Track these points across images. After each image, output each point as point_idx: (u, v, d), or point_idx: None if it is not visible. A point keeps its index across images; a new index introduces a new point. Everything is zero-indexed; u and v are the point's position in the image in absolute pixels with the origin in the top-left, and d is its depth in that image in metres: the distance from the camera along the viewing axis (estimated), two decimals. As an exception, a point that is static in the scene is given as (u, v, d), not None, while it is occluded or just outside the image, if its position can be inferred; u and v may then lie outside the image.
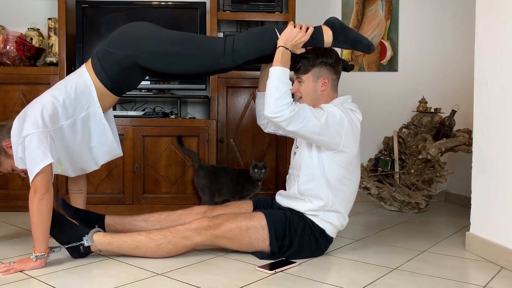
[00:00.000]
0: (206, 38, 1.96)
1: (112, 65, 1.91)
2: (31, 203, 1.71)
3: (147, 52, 1.88)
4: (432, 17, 3.62)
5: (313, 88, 1.96)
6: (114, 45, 1.92)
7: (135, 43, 1.90)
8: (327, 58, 1.96)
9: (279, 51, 1.83)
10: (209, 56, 1.89)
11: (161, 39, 1.90)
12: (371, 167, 3.26)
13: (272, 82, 1.79)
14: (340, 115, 1.84)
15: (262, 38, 1.92)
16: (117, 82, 1.95)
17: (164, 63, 1.90)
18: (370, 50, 1.94)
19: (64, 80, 1.97)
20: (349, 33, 1.91)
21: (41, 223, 1.72)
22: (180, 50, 1.89)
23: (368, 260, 1.92)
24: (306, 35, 1.86)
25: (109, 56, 1.91)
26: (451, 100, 3.39)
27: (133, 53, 1.88)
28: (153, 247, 1.83)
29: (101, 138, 1.99)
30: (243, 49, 1.88)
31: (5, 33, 3.10)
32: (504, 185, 1.89)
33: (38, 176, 1.71)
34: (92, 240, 1.82)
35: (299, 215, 1.92)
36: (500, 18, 1.93)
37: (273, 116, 1.76)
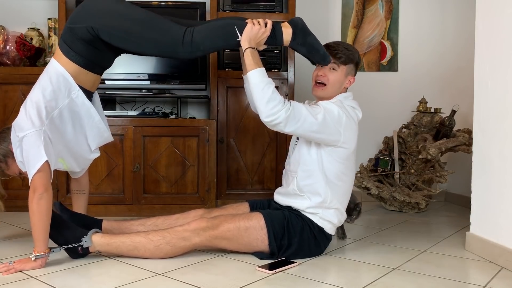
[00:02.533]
0: (166, 23, 1.90)
1: (77, 41, 1.88)
2: (31, 202, 1.71)
3: (106, 26, 1.85)
4: (432, 17, 3.62)
5: (341, 81, 1.98)
6: (75, 20, 1.88)
7: (95, 16, 1.86)
8: (359, 60, 2.03)
9: (247, 53, 1.82)
10: (166, 43, 1.87)
11: (122, 15, 1.88)
12: (371, 167, 3.26)
13: (256, 87, 1.78)
14: (338, 111, 1.85)
15: (222, 34, 1.89)
16: (87, 58, 1.91)
17: (122, 40, 1.87)
18: (326, 62, 1.89)
19: (41, 76, 1.95)
20: (308, 37, 1.87)
21: (40, 223, 1.72)
22: (138, 30, 1.87)
23: (368, 260, 1.92)
24: (267, 30, 1.84)
25: (72, 33, 1.88)
26: (451, 100, 3.39)
27: (92, 25, 1.84)
28: (152, 248, 1.83)
29: (88, 121, 1.98)
30: (201, 43, 1.86)
31: (5, 33, 3.10)
32: (504, 185, 1.88)
33: (36, 176, 1.71)
34: (91, 241, 1.82)
35: (298, 214, 1.92)
36: (500, 18, 1.92)
37: (270, 120, 1.75)
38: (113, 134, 2.78)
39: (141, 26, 1.87)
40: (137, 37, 1.87)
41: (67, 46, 1.89)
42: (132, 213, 2.85)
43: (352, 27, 3.59)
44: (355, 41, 3.60)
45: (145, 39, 1.88)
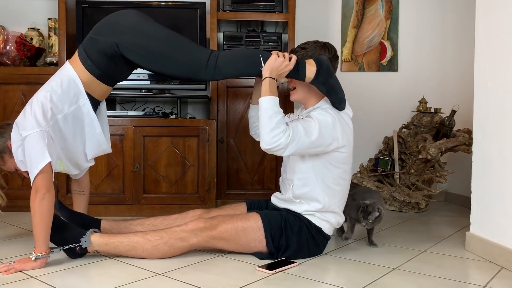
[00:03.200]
0: (191, 46, 1.92)
1: (97, 53, 1.89)
2: (32, 203, 1.71)
3: (130, 43, 1.86)
4: (432, 17, 3.62)
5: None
6: (99, 32, 1.90)
7: (120, 32, 1.87)
8: (325, 52, 1.97)
9: (266, 82, 1.83)
10: (190, 65, 1.88)
11: (147, 34, 1.88)
12: (371, 167, 3.26)
13: (265, 113, 1.78)
14: (332, 120, 1.85)
15: (246, 62, 1.91)
16: (103, 70, 1.92)
17: (145, 59, 1.88)
18: (340, 107, 1.91)
19: (52, 77, 1.96)
20: (331, 79, 1.89)
21: (42, 223, 1.72)
22: (163, 50, 1.87)
23: (368, 260, 1.92)
24: (290, 64, 1.85)
25: (94, 43, 1.89)
26: (451, 100, 3.39)
27: (117, 41, 1.85)
28: (149, 248, 1.83)
29: (90, 130, 1.98)
30: (224, 68, 1.88)
31: (5, 33, 3.10)
32: (504, 185, 1.88)
33: (38, 176, 1.71)
34: (90, 241, 1.82)
35: (296, 215, 1.92)
36: (500, 18, 1.92)
37: (270, 147, 1.75)
38: (113, 134, 2.80)
39: (166, 46, 1.88)
40: (161, 57, 1.88)
41: (86, 54, 1.91)
42: (132, 213, 2.85)
43: (352, 27, 3.60)
44: (355, 41, 3.60)
45: (169, 59, 1.88)
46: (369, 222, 2.02)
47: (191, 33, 3.06)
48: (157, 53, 1.87)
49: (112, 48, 1.87)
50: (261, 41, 3.06)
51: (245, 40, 3.05)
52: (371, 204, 2.02)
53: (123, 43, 1.85)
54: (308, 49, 1.96)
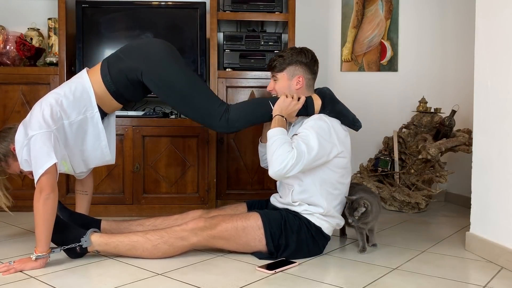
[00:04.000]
0: (209, 94, 1.98)
1: (118, 72, 1.93)
2: (36, 203, 1.71)
3: (155, 75, 1.92)
4: (432, 17, 3.62)
5: (288, 86, 2.02)
6: (128, 54, 1.95)
7: (148, 61, 1.93)
8: (302, 57, 2.02)
9: (275, 119, 1.90)
10: (205, 112, 1.95)
11: (173, 71, 1.94)
12: (371, 167, 3.26)
13: (272, 141, 1.82)
14: (327, 126, 1.87)
15: (257, 111, 1.99)
16: (119, 89, 1.96)
17: (163, 93, 1.95)
18: (355, 127, 1.98)
19: (66, 83, 1.99)
20: (337, 106, 1.97)
21: (45, 223, 1.72)
22: (183, 91, 1.94)
23: (368, 260, 1.92)
24: (299, 103, 1.93)
25: (119, 62, 1.94)
26: (451, 100, 3.39)
27: (142, 69, 1.91)
28: (150, 247, 1.83)
29: (94, 143, 2.00)
30: (237, 121, 1.95)
31: (5, 33, 3.10)
32: (504, 185, 1.88)
33: (43, 177, 1.71)
34: (90, 241, 1.82)
35: (295, 214, 1.93)
36: (500, 18, 1.92)
37: (277, 169, 1.76)
38: (113, 134, 2.80)
39: (187, 88, 1.94)
40: (179, 96, 1.94)
41: (108, 69, 1.94)
42: (132, 213, 2.85)
43: (352, 27, 3.59)
44: (355, 41, 3.60)
45: (186, 101, 1.94)
46: (355, 218, 1.92)
47: (191, 33, 3.07)
48: (177, 92, 1.94)
49: (135, 73, 1.92)
50: (261, 41, 3.06)
51: (245, 40, 3.05)
52: (357, 199, 1.93)
53: (147, 72, 1.91)
54: (285, 56, 2.02)
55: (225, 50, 3.05)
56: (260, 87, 2.99)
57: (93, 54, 3.04)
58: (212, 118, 1.95)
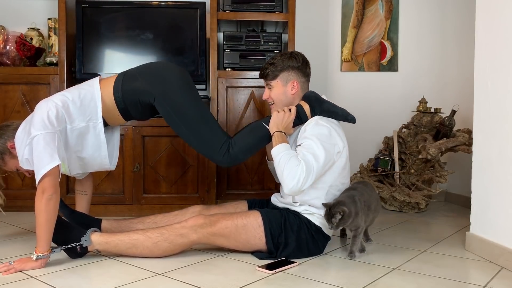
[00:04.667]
0: (216, 130, 1.98)
1: (131, 91, 1.95)
2: (39, 203, 1.71)
3: (167, 101, 1.93)
4: (432, 17, 3.62)
5: (283, 92, 2.03)
6: (144, 76, 1.96)
7: (163, 87, 1.94)
8: (293, 62, 2.02)
9: (274, 136, 1.90)
10: (208, 148, 1.97)
11: (187, 100, 1.95)
12: (371, 167, 3.26)
13: (278, 159, 1.82)
14: (327, 129, 1.87)
15: (255, 137, 1.99)
16: (128, 107, 1.98)
17: (172, 120, 1.96)
18: (349, 121, 1.99)
19: (76, 87, 1.99)
20: (324, 105, 1.98)
21: (47, 224, 1.72)
22: (193, 122, 1.95)
23: (368, 260, 1.92)
24: (292, 114, 1.94)
25: (134, 81, 1.95)
26: (451, 100, 3.39)
27: (155, 93, 1.93)
28: (150, 245, 1.83)
29: (94, 152, 2.00)
30: (239, 153, 1.96)
31: (5, 33, 3.10)
32: (504, 185, 1.88)
33: (46, 177, 1.71)
34: (90, 240, 1.82)
35: (295, 214, 1.94)
36: (500, 18, 1.92)
37: (292, 186, 1.76)
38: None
39: (198, 121, 1.95)
40: (187, 126, 1.96)
41: (121, 86, 1.94)
42: (132, 213, 2.85)
43: (352, 27, 3.59)
44: (355, 41, 3.60)
45: (195, 133, 1.96)
46: (334, 225, 1.80)
47: (191, 33, 3.07)
48: (186, 122, 1.95)
49: (148, 97, 1.94)
50: (261, 41, 3.06)
51: (245, 40, 3.05)
52: (333, 205, 1.82)
53: (161, 98, 1.93)
54: (277, 63, 2.02)
55: (225, 50, 3.05)
56: (260, 87, 2.98)
57: (93, 54, 3.04)
58: (215, 154, 1.95)
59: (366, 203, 1.94)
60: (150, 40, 3.08)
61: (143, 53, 3.09)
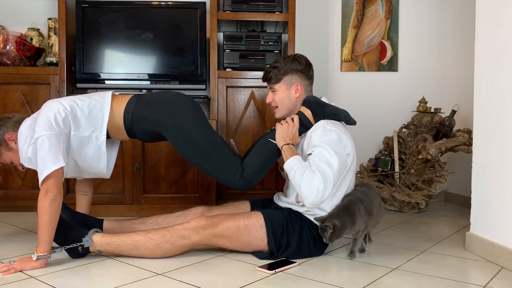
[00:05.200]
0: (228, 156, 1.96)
1: (142, 118, 1.96)
2: (42, 203, 1.71)
3: (179, 131, 1.93)
4: (432, 17, 3.62)
5: (287, 95, 2.02)
6: (158, 105, 1.97)
7: (175, 118, 1.94)
8: (297, 65, 2.02)
9: (283, 150, 1.88)
10: (223, 174, 1.95)
11: (198, 130, 1.95)
12: (371, 167, 3.26)
13: (292, 174, 1.80)
14: (335, 133, 1.86)
15: (265, 155, 1.97)
16: (135, 130, 1.98)
17: (184, 149, 1.96)
18: (350, 123, 1.99)
19: (87, 96, 2.00)
20: (325, 108, 1.97)
21: (49, 224, 1.72)
22: (205, 151, 1.94)
23: (368, 260, 1.92)
24: (296, 123, 1.93)
25: (146, 109, 1.96)
26: (451, 100, 3.39)
27: (167, 124, 1.93)
28: (152, 246, 1.83)
29: (93, 163, 2.00)
30: (253, 174, 1.93)
31: (5, 33, 3.10)
32: (504, 185, 1.88)
33: (50, 178, 1.71)
34: (92, 241, 1.82)
35: (297, 214, 1.93)
36: (500, 18, 1.92)
37: (313, 198, 1.74)
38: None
39: (210, 149, 1.94)
40: (202, 156, 1.95)
41: (133, 109, 1.95)
42: (132, 213, 2.85)
43: (352, 27, 3.59)
44: (355, 41, 3.60)
45: (208, 160, 1.95)
46: (327, 239, 1.80)
47: (191, 33, 3.07)
48: (199, 151, 1.95)
49: (158, 126, 1.95)
50: (261, 41, 3.06)
51: (245, 40, 3.05)
52: (325, 218, 1.82)
53: (172, 129, 1.93)
54: (280, 67, 2.01)
55: (225, 50, 3.05)
56: (260, 87, 2.98)
57: (93, 54, 3.04)
58: (231, 179, 1.94)
59: (367, 209, 1.92)
60: (150, 40, 3.08)
61: (143, 53, 3.09)
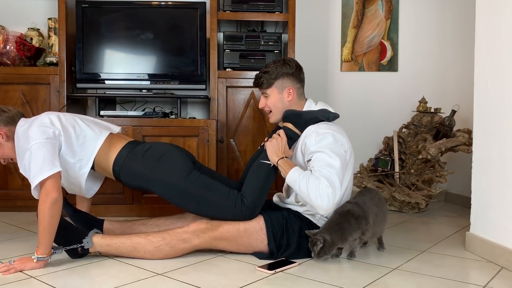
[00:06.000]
0: (225, 195, 1.91)
1: (131, 173, 1.93)
2: (43, 206, 1.69)
3: (169, 186, 1.90)
4: (432, 17, 3.62)
5: (279, 99, 2.02)
6: (148, 160, 1.93)
7: (162, 173, 1.91)
8: (287, 68, 2.01)
9: (279, 165, 1.87)
10: (223, 212, 1.90)
11: (191, 181, 1.91)
12: (371, 167, 3.26)
13: (297, 187, 1.79)
14: (331, 135, 1.86)
15: (261, 177, 1.94)
16: (122, 180, 1.97)
17: (178, 200, 1.93)
18: (331, 120, 1.99)
19: (90, 123, 1.98)
20: (304, 116, 1.98)
21: (50, 227, 1.71)
22: (200, 198, 1.90)
23: (368, 260, 1.92)
24: (283, 136, 1.92)
25: (135, 163, 1.92)
26: (451, 100, 3.39)
27: (153, 179, 1.91)
28: (152, 249, 1.83)
29: (74, 187, 2.02)
30: (254, 200, 1.90)
31: (5, 33, 3.10)
32: (504, 185, 1.88)
33: (49, 180, 1.71)
34: (92, 242, 1.82)
35: (296, 214, 1.94)
36: (500, 18, 1.92)
37: (326, 205, 1.74)
38: (113, 134, 2.80)
39: (204, 195, 1.91)
40: (197, 202, 1.91)
41: (122, 162, 1.92)
42: (133, 213, 2.85)
43: (352, 27, 3.60)
44: (355, 41, 3.60)
45: (205, 205, 1.91)
46: (315, 253, 1.78)
47: (191, 33, 3.07)
48: (193, 200, 1.91)
49: (146, 183, 1.92)
50: (261, 41, 3.06)
51: (245, 40, 3.05)
52: (316, 232, 1.81)
53: (162, 186, 1.91)
54: (271, 71, 2.01)
55: (225, 50, 3.05)
56: (260, 87, 2.98)
57: (93, 54, 3.04)
58: (234, 213, 1.89)
59: (366, 220, 1.86)
60: (150, 40, 3.08)
61: (143, 53, 3.09)
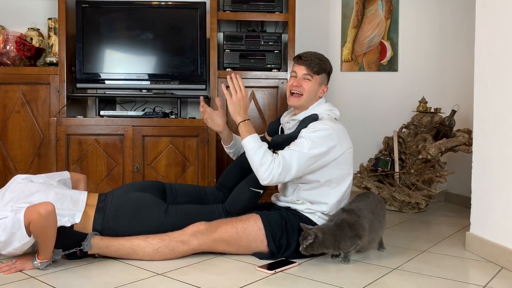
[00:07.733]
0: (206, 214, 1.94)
1: (113, 233, 1.89)
2: (37, 224, 1.63)
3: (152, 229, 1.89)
4: (432, 17, 3.62)
5: (315, 90, 2.01)
6: (123, 222, 1.89)
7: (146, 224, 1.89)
8: (330, 67, 2.05)
9: (240, 127, 1.88)
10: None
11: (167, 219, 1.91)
12: (371, 167, 3.26)
13: (250, 154, 1.83)
14: (326, 131, 1.85)
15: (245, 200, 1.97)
16: (103, 230, 1.90)
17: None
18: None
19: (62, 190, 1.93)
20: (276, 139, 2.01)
21: (49, 239, 1.68)
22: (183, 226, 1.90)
23: (368, 260, 1.92)
24: (244, 95, 1.90)
25: (113, 228, 1.88)
26: (451, 100, 3.39)
27: (139, 230, 1.89)
28: (151, 251, 1.83)
29: None
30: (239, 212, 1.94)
31: (5, 33, 3.11)
32: (504, 185, 1.88)
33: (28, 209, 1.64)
34: (91, 245, 1.81)
35: (296, 213, 1.93)
36: (500, 18, 1.92)
37: (268, 181, 1.79)
38: (113, 134, 2.81)
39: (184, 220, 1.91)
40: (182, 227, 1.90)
41: (102, 220, 1.88)
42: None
43: (352, 27, 3.60)
44: (355, 41, 3.60)
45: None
46: (304, 247, 1.77)
47: (191, 33, 3.07)
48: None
49: (128, 234, 1.88)
50: (261, 41, 3.06)
51: (245, 40, 3.05)
52: (311, 228, 1.79)
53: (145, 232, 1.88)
54: (326, 63, 2.03)
55: (225, 50, 3.06)
56: (260, 87, 2.99)
57: (93, 54, 3.04)
58: None
59: (362, 227, 1.84)
60: (150, 40, 3.08)
61: (143, 53, 3.09)
